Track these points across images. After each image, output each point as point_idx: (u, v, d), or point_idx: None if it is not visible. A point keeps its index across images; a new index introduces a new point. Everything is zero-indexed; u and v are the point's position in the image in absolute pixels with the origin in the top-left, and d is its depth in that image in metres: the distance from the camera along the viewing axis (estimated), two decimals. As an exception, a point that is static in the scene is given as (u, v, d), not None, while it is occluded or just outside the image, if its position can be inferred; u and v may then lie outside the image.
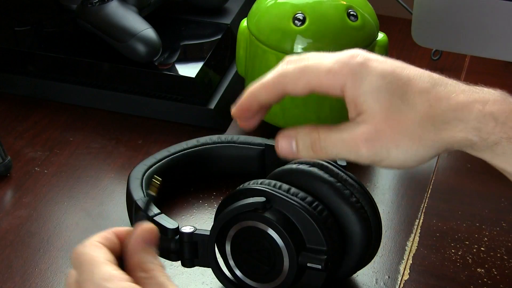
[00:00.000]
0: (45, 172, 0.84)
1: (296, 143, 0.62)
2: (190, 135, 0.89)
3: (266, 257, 0.66)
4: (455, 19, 0.86)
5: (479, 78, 0.99)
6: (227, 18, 1.00)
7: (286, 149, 0.62)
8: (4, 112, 0.92)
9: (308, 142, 0.61)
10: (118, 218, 0.78)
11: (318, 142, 0.61)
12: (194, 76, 0.90)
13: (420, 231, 0.77)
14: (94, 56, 0.93)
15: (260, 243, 0.66)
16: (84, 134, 0.89)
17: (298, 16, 0.82)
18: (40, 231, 0.77)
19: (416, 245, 0.76)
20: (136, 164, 0.77)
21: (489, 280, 0.72)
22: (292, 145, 0.62)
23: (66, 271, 0.72)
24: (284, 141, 0.62)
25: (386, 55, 0.86)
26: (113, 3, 0.92)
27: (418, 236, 0.77)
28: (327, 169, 0.68)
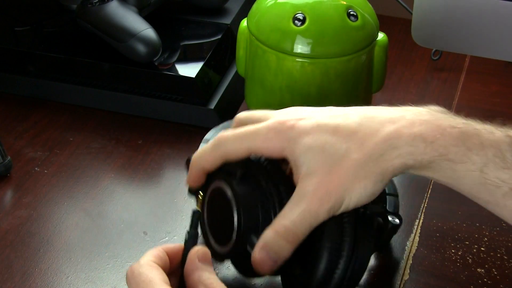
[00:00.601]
0: (45, 172, 0.84)
1: (272, 251, 0.62)
2: (190, 135, 0.89)
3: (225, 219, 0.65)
4: (455, 19, 0.86)
5: (479, 78, 1.00)
6: (227, 18, 1.00)
7: (268, 263, 0.62)
8: (4, 112, 0.92)
9: (279, 240, 0.62)
10: (118, 218, 0.78)
11: (288, 231, 0.62)
12: (194, 76, 0.90)
13: (420, 231, 0.77)
14: (94, 56, 0.93)
15: (224, 206, 0.65)
16: (84, 134, 0.89)
17: (298, 16, 0.82)
18: (40, 231, 0.77)
19: (416, 245, 0.76)
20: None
21: (489, 280, 0.72)
22: (270, 255, 0.62)
23: (66, 271, 0.73)
24: (260, 258, 0.62)
25: (386, 55, 0.86)
26: (113, 3, 0.92)
27: (418, 236, 0.77)
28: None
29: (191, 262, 0.58)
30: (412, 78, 1.00)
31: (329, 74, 0.83)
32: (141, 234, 0.77)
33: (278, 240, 0.62)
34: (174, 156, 0.87)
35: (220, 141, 0.66)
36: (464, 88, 0.98)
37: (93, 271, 0.73)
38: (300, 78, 0.83)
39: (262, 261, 0.62)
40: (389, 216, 0.70)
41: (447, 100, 0.96)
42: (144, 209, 0.80)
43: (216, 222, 0.67)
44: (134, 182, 0.83)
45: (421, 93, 0.98)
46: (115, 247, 0.75)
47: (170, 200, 0.81)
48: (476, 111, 0.94)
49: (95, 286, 0.71)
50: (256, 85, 0.87)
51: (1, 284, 0.71)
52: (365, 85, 0.87)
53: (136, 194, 0.82)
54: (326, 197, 0.62)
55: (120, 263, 0.74)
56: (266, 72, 0.85)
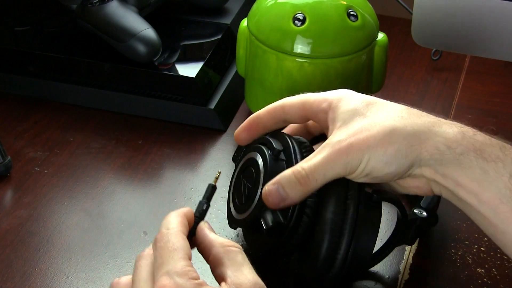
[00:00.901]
0: (45, 172, 0.84)
1: (282, 187, 0.64)
2: (190, 135, 0.89)
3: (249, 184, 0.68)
4: (455, 19, 0.86)
5: (479, 78, 1.00)
6: (227, 18, 1.00)
7: (275, 196, 0.64)
8: (4, 112, 0.92)
9: (293, 179, 0.64)
10: (118, 218, 0.78)
11: (303, 172, 0.64)
12: (194, 76, 0.90)
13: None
14: (94, 56, 0.93)
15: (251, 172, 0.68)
16: (84, 134, 0.89)
17: (298, 16, 0.82)
18: (40, 231, 0.77)
19: (416, 245, 0.76)
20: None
21: (489, 280, 0.72)
22: (279, 191, 0.64)
23: (66, 271, 0.73)
24: (269, 190, 0.65)
25: (386, 55, 0.86)
26: (113, 3, 0.92)
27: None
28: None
29: (203, 236, 0.61)
30: (412, 78, 1.00)
31: (329, 74, 0.83)
32: (141, 234, 0.77)
33: (292, 179, 0.64)
34: (174, 156, 0.87)
35: (282, 102, 0.70)
36: (464, 88, 0.98)
37: (93, 271, 0.73)
38: (300, 78, 0.83)
39: (270, 193, 0.64)
40: (416, 209, 0.71)
41: (447, 100, 0.96)
42: (144, 209, 0.80)
43: (241, 190, 0.69)
44: (134, 182, 0.83)
45: (421, 93, 0.98)
46: (115, 247, 0.75)
47: (170, 200, 0.81)
48: (476, 111, 0.94)
49: (95, 286, 0.71)
50: (256, 85, 0.87)
51: (1, 284, 0.71)
52: (365, 85, 0.87)
53: (136, 194, 0.82)
54: (347, 149, 0.63)
55: (120, 263, 0.74)
56: (266, 72, 0.85)
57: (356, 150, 0.63)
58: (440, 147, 0.63)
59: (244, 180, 0.69)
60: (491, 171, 0.62)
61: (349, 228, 0.64)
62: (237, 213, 0.70)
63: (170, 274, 0.56)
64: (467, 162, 0.63)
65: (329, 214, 0.64)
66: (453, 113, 0.93)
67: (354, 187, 0.65)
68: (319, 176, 0.64)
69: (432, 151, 0.63)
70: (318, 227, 0.64)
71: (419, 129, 0.64)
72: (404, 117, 0.65)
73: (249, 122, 0.71)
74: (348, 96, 0.67)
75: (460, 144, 0.63)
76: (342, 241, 0.64)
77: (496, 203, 0.62)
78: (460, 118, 0.92)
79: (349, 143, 0.64)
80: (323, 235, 0.64)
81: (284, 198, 0.64)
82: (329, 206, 0.64)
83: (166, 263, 0.57)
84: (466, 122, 0.66)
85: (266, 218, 0.65)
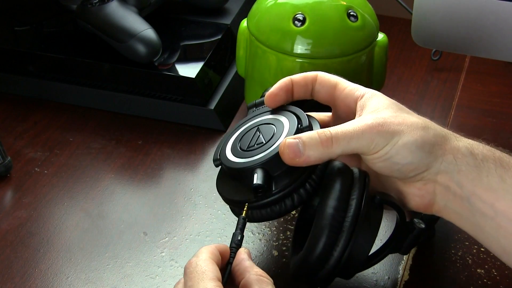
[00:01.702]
0: (45, 172, 0.84)
1: (302, 142, 0.64)
2: (190, 135, 0.89)
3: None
4: (455, 19, 0.86)
5: (479, 78, 0.99)
6: (227, 18, 1.00)
7: (293, 149, 0.64)
8: (4, 112, 0.92)
9: (315, 137, 0.64)
10: (118, 219, 0.78)
11: (329, 134, 0.64)
12: (194, 76, 0.90)
13: (420, 231, 0.77)
14: (94, 56, 0.93)
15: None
16: (84, 134, 0.89)
17: (298, 17, 0.82)
18: (40, 231, 0.77)
19: (416, 246, 0.76)
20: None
21: (489, 280, 0.72)
22: (299, 144, 0.63)
23: (66, 271, 0.73)
24: (290, 142, 0.64)
25: (386, 55, 0.86)
26: (113, 3, 0.92)
27: (418, 237, 0.77)
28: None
29: (241, 260, 0.62)
30: (412, 78, 1.00)
31: (329, 74, 0.83)
32: (141, 235, 0.77)
33: (315, 137, 0.64)
34: (174, 156, 0.87)
35: (316, 72, 0.70)
36: (464, 88, 0.98)
37: (93, 272, 0.73)
38: (300, 79, 0.83)
39: (289, 145, 0.64)
40: (416, 219, 0.70)
41: (447, 100, 0.96)
42: (144, 209, 0.80)
43: (248, 138, 0.69)
44: (134, 182, 0.83)
45: (421, 93, 0.98)
46: (115, 248, 0.75)
47: (170, 200, 0.81)
48: (476, 111, 0.94)
49: (95, 286, 0.71)
50: (256, 85, 0.87)
51: (1, 284, 0.71)
52: (365, 86, 0.86)
53: (136, 195, 0.82)
54: (379, 126, 0.64)
55: (120, 263, 0.74)
56: (266, 72, 0.85)
57: (389, 129, 0.64)
58: (464, 152, 0.64)
59: (259, 133, 0.69)
60: (509, 179, 0.63)
61: (349, 226, 0.64)
62: (232, 155, 0.68)
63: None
64: (486, 169, 0.63)
65: (330, 209, 0.64)
66: (453, 113, 0.93)
67: (359, 186, 0.65)
68: (343, 142, 0.64)
69: (455, 153, 0.64)
70: (317, 221, 0.64)
71: (446, 133, 0.66)
72: (432, 122, 0.66)
73: (284, 84, 0.70)
74: (381, 95, 0.68)
75: (481, 151, 0.65)
76: (341, 239, 0.64)
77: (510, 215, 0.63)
78: (460, 118, 0.92)
79: (384, 121, 0.64)
80: (322, 230, 0.63)
81: (301, 154, 0.63)
82: (331, 201, 0.64)
83: (197, 285, 0.58)
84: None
85: (261, 175, 0.65)
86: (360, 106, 0.67)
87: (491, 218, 0.63)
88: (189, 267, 0.60)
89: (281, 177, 0.65)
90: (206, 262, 0.60)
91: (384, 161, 0.64)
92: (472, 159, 0.64)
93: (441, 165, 0.64)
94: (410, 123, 0.65)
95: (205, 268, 0.59)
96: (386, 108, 0.66)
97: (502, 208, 0.63)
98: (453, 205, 0.65)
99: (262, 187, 0.64)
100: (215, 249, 0.62)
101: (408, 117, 0.65)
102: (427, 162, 0.64)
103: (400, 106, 0.67)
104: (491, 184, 0.63)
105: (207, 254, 0.61)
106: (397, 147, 0.64)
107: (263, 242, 0.76)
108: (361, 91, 0.68)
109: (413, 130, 0.64)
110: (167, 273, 0.73)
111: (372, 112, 0.66)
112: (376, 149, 0.64)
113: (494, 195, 0.63)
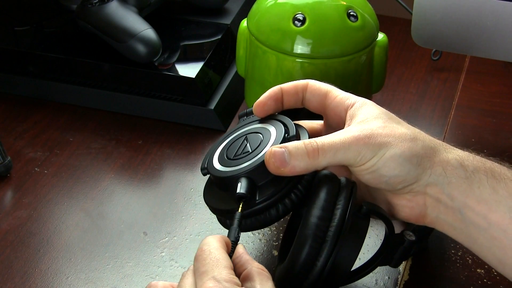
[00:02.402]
0: (45, 172, 0.84)
1: (288, 151, 0.63)
2: (190, 135, 0.89)
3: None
4: (455, 19, 0.86)
5: (479, 78, 0.99)
6: (227, 18, 1.00)
7: (278, 158, 0.63)
8: (4, 112, 0.92)
9: (301, 147, 0.64)
10: (118, 219, 0.78)
11: (315, 145, 0.63)
12: (194, 76, 0.90)
13: (420, 231, 0.77)
14: (94, 56, 0.93)
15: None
16: (84, 134, 0.89)
17: (298, 17, 0.82)
18: (40, 231, 0.77)
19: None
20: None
21: (489, 280, 0.72)
22: (285, 155, 0.63)
23: (66, 271, 0.73)
24: (275, 151, 0.64)
25: (386, 55, 0.86)
26: (113, 3, 0.92)
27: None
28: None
29: (241, 253, 0.62)
30: (412, 78, 1.00)
31: (329, 74, 0.83)
32: (141, 235, 0.77)
33: (301, 147, 0.63)
34: (174, 156, 0.87)
35: (307, 81, 0.70)
36: (464, 88, 0.98)
37: (93, 272, 0.73)
38: (300, 79, 0.82)
39: (275, 154, 0.63)
40: (406, 232, 0.69)
41: (447, 100, 0.96)
42: (144, 209, 0.80)
43: (236, 147, 0.69)
44: (134, 182, 0.83)
45: (421, 93, 0.98)
46: (115, 248, 0.75)
47: (170, 200, 0.81)
48: (476, 111, 0.94)
49: (95, 286, 0.71)
50: (256, 85, 0.87)
51: (1, 284, 0.71)
52: (365, 85, 0.87)
53: (136, 194, 0.82)
54: (366, 138, 0.63)
55: (120, 263, 0.74)
56: (266, 72, 0.85)
57: (375, 141, 0.63)
58: (453, 163, 0.64)
59: (246, 141, 0.68)
60: (501, 190, 0.63)
61: (333, 236, 0.62)
62: (219, 164, 0.68)
63: (217, 279, 0.57)
64: (477, 181, 0.63)
65: (314, 218, 0.63)
66: (453, 113, 0.93)
67: (345, 195, 0.64)
68: (329, 154, 0.63)
69: (445, 166, 0.64)
70: (301, 231, 0.63)
71: (436, 145, 0.65)
72: (421, 133, 0.66)
73: (273, 93, 0.70)
74: (371, 103, 0.67)
75: (471, 162, 0.64)
76: (324, 249, 0.62)
77: (506, 223, 0.62)
78: (460, 118, 0.92)
79: (372, 132, 0.64)
80: (305, 239, 0.62)
81: (286, 164, 0.63)
82: (315, 211, 0.63)
83: (211, 271, 0.57)
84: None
85: (245, 184, 0.64)
86: (349, 115, 0.67)
87: (485, 229, 0.63)
88: (201, 254, 0.59)
89: (267, 187, 0.65)
90: (220, 251, 0.59)
91: (372, 173, 0.64)
92: (462, 171, 0.64)
93: (430, 177, 0.64)
94: (398, 135, 0.64)
95: (219, 257, 0.59)
96: (375, 118, 0.65)
97: (496, 219, 0.62)
98: (445, 216, 0.65)
99: (245, 197, 0.64)
100: (223, 240, 0.61)
101: (396, 128, 0.65)
102: (415, 174, 0.64)
103: (390, 115, 0.67)
104: (483, 195, 0.63)
105: (219, 243, 0.60)
106: (384, 159, 0.63)
107: (263, 242, 0.76)
108: (351, 100, 0.68)
109: (401, 142, 0.64)
110: (167, 273, 0.73)
111: (361, 122, 0.65)
112: (363, 161, 0.64)
113: (487, 207, 0.63)
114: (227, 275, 0.57)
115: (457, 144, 0.67)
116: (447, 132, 0.90)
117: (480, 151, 0.67)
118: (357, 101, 0.67)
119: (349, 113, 0.67)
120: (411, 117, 0.93)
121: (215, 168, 0.68)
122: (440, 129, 0.91)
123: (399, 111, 0.94)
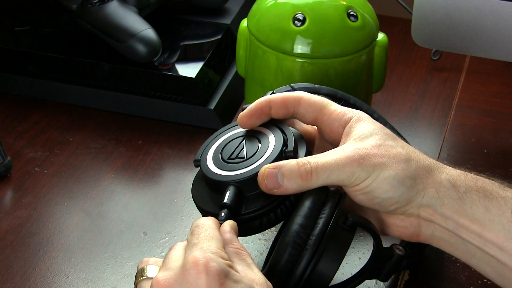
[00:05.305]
0: (45, 172, 0.84)
1: (282, 174, 0.63)
2: (190, 135, 0.89)
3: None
4: (455, 19, 0.86)
5: (479, 78, 1.00)
6: (227, 18, 1.00)
7: (271, 180, 0.63)
8: (4, 112, 0.92)
9: (295, 170, 0.63)
10: (118, 219, 0.78)
11: (309, 167, 0.63)
12: (194, 76, 0.90)
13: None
14: (94, 56, 0.93)
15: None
16: (84, 134, 0.89)
17: (298, 16, 0.82)
18: (40, 231, 0.77)
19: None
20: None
21: (489, 280, 0.72)
22: (277, 176, 0.63)
23: (66, 271, 0.73)
24: (269, 172, 0.63)
25: (386, 55, 0.86)
26: (113, 3, 0.92)
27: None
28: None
29: (222, 233, 0.61)
30: (412, 78, 1.00)
31: (329, 74, 0.83)
32: (141, 235, 0.77)
33: (295, 169, 0.63)
34: (174, 156, 0.87)
35: (300, 95, 0.68)
36: (464, 88, 0.98)
37: (93, 272, 0.73)
38: (300, 79, 0.83)
39: (268, 175, 0.63)
40: (396, 246, 0.68)
41: (447, 100, 0.96)
42: (144, 209, 0.80)
43: (232, 149, 0.68)
44: (134, 182, 0.83)
45: (421, 93, 0.98)
46: (115, 248, 0.75)
47: (170, 200, 0.81)
48: (476, 111, 0.94)
49: (95, 286, 0.71)
50: (256, 85, 0.87)
51: (1, 284, 0.71)
52: (365, 85, 0.87)
53: (136, 194, 0.82)
54: (361, 159, 0.63)
55: (120, 263, 0.74)
56: (266, 72, 0.85)
57: (370, 163, 0.63)
58: (446, 185, 0.64)
59: (243, 145, 0.68)
60: (494, 209, 0.63)
61: (313, 244, 0.61)
62: (212, 163, 0.67)
63: (204, 250, 0.56)
64: (470, 201, 0.63)
65: (295, 226, 0.62)
66: (453, 113, 0.93)
67: (330, 205, 0.63)
68: (322, 176, 0.63)
69: (437, 187, 0.64)
70: (282, 238, 0.63)
71: (429, 165, 0.65)
72: (416, 152, 0.66)
73: (260, 106, 0.68)
74: (367, 118, 0.67)
75: (463, 182, 0.64)
76: (303, 257, 0.61)
77: (501, 241, 0.62)
78: (460, 118, 0.92)
79: (366, 153, 0.63)
80: (285, 246, 0.62)
81: (279, 186, 0.63)
82: (298, 218, 0.62)
83: (201, 244, 0.57)
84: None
85: (232, 194, 0.64)
86: (345, 132, 0.66)
87: (480, 247, 0.63)
88: (197, 229, 0.59)
89: (255, 199, 0.64)
90: (215, 231, 0.59)
91: (365, 194, 0.64)
92: (454, 192, 0.64)
93: (423, 199, 0.64)
94: (393, 155, 0.64)
95: (214, 235, 0.59)
96: (371, 135, 0.65)
97: (490, 237, 0.63)
98: (440, 234, 0.65)
99: (230, 208, 0.63)
100: (218, 223, 0.61)
101: (391, 147, 0.65)
102: (408, 196, 0.64)
103: (386, 130, 0.66)
104: (475, 215, 0.63)
105: (215, 225, 0.60)
106: (378, 181, 0.63)
107: (263, 242, 0.76)
108: (347, 116, 0.67)
109: (395, 163, 0.63)
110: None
111: (356, 139, 0.65)
112: (356, 182, 0.63)
113: (480, 226, 0.63)
114: (215, 248, 0.57)
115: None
116: (447, 132, 0.90)
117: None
118: (353, 116, 0.67)
119: (345, 131, 0.66)
120: (411, 117, 0.93)
121: (207, 167, 0.67)
122: (440, 129, 0.91)
123: (399, 111, 0.94)
